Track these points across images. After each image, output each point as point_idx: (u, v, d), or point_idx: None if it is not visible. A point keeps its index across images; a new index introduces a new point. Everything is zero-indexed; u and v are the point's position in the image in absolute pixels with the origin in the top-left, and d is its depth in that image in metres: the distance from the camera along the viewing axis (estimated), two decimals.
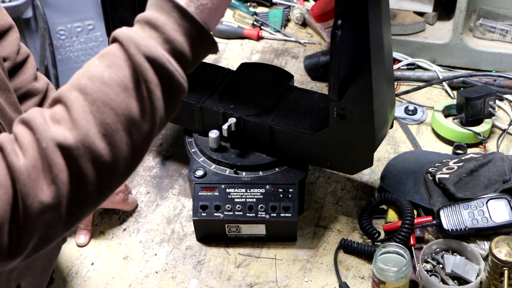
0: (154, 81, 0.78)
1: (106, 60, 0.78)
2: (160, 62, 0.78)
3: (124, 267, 1.32)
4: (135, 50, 0.77)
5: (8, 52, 1.15)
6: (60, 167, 0.73)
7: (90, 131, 0.74)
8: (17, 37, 1.18)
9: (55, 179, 0.73)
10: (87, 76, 0.77)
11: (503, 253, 1.16)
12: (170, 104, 0.82)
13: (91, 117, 0.75)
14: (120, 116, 0.76)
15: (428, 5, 1.78)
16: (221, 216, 1.29)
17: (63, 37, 2.64)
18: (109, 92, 0.76)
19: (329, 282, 1.27)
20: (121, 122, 0.76)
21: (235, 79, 1.43)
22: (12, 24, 1.17)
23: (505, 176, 1.30)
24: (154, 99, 0.79)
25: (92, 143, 0.74)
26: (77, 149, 0.74)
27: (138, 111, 0.78)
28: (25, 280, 1.06)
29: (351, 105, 1.18)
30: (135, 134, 0.78)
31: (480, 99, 1.52)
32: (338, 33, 1.06)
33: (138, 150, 0.80)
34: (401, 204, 1.31)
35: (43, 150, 0.73)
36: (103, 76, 0.77)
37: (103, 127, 0.75)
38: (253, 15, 1.99)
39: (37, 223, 0.74)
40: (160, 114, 0.80)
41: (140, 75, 0.77)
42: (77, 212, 0.78)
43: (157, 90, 0.79)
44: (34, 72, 1.21)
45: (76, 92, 0.76)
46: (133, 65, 0.77)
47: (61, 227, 0.77)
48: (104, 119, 0.75)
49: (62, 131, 0.74)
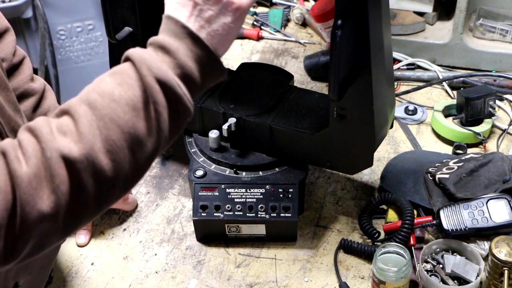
0: (163, 103, 0.80)
1: (117, 78, 0.80)
2: (171, 85, 0.80)
3: (124, 267, 1.32)
4: (147, 71, 0.79)
5: (4, 54, 1.16)
6: (62, 178, 0.74)
7: (95, 146, 0.75)
8: (13, 40, 1.19)
9: (56, 190, 0.74)
10: (98, 92, 0.78)
11: (503, 253, 1.16)
12: (175, 127, 0.84)
13: (98, 132, 0.76)
14: (126, 134, 0.77)
15: (428, 5, 1.78)
16: (221, 216, 1.29)
17: (63, 37, 2.64)
18: (118, 109, 0.77)
19: (329, 282, 1.27)
20: (126, 140, 0.78)
21: (235, 79, 1.43)
22: (8, 27, 1.19)
23: (505, 176, 1.30)
24: (161, 120, 0.80)
25: (96, 158, 0.75)
26: (81, 163, 0.75)
27: (144, 131, 0.79)
28: (23, 279, 1.06)
29: (351, 105, 1.18)
30: (138, 153, 0.80)
31: (480, 99, 1.52)
32: (338, 33, 1.06)
33: (139, 168, 0.82)
34: (401, 204, 1.31)
35: (47, 160, 0.74)
36: (113, 93, 0.78)
37: (108, 143, 0.76)
38: (253, 15, 1.99)
39: (34, 231, 0.75)
40: (165, 135, 0.82)
41: (149, 96, 0.79)
42: (74, 223, 0.79)
43: (165, 112, 0.80)
44: (31, 73, 1.22)
45: (85, 106, 0.77)
46: (144, 85, 0.79)
47: (57, 236, 0.78)
48: (110, 135, 0.76)
49: (67, 143, 0.75)
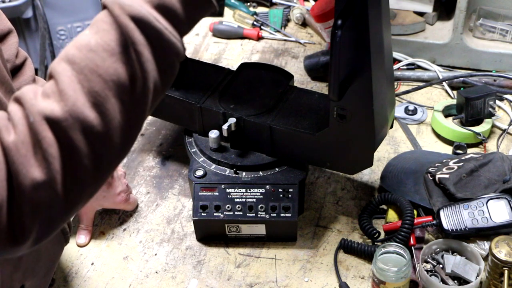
0: (142, 42, 0.74)
1: (94, 28, 0.75)
2: (146, 20, 0.74)
3: (124, 267, 1.32)
4: (119, 11, 0.74)
5: (7, 55, 1.16)
6: (49, 141, 0.71)
7: (78, 101, 0.71)
8: (16, 41, 1.19)
9: (45, 154, 0.71)
10: (75, 46, 0.75)
11: (503, 253, 1.16)
12: (164, 67, 0.77)
13: (79, 86, 0.72)
14: (109, 83, 0.73)
15: (428, 5, 1.78)
16: (221, 216, 1.29)
17: (63, 37, 2.64)
18: (96, 58, 0.73)
19: (329, 282, 1.27)
20: (110, 89, 0.73)
21: (235, 79, 1.43)
22: (11, 28, 1.19)
23: (505, 176, 1.30)
24: (144, 61, 0.75)
25: (81, 113, 0.71)
26: (65, 121, 0.71)
27: (127, 76, 0.74)
28: (29, 281, 1.06)
29: (351, 105, 1.18)
30: (127, 100, 0.75)
31: (480, 99, 1.52)
32: (338, 33, 1.06)
33: (133, 117, 0.77)
34: (401, 204, 1.31)
35: (31, 125, 0.71)
36: (90, 43, 0.74)
37: (91, 95, 0.72)
38: (253, 15, 1.99)
39: (34, 202, 0.72)
40: (153, 77, 0.76)
41: (126, 37, 0.74)
42: (76, 189, 0.74)
43: (146, 51, 0.75)
44: (33, 74, 1.22)
45: (64, 63, 0.74)
46: (119, 27, 0.74)
47: (62, 206, 0.74)
48: (92, 87, 0.72)
49: (50, 104, 0.71)
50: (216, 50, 1.90)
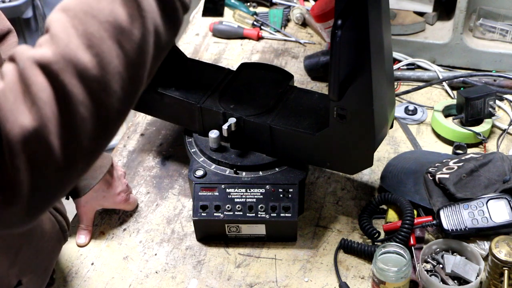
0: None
1: None
2: None
3: (124, 267, 1.32)
4: None
5: (7, 55, 1.16)
6: (39, 85, 0.66)
7: (71, 43, 0.67)
8: (15, 41, 1.19)
9: (35, 99, 0.66)
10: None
11: (503, 253, 1.16)
12: (166, 9, 0.73)
13: (73, 30, 0.68)
14: (104, 24, 0.68)
15: (428, 5, 1.78)
16: (221, 216, 1.29)
17: None
18: (90, 0, 0.69)
19: (329, 282, 1.27)
20: (106, 30, 0.68)
21: (235, 79, 1.43)
22: (11, 28, 1.18)
23: (505, 176, 1.30)
24: (142, 0, 0.70)
25: (75, 55, 0.67)
26: (56, 63, 0.66)
27: (125, 16, 0.69)
28: (26, 277, 1.06)
29: (351, 105, 1.18)
30: (125, 42, 0.70)
31: (480, 99, 1.52)
32: (338, 33, 1.06)
33: (132, 62, 0.71)
34: (401, 204, 1.31)
35: (21, 71, 0.67)
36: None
37: (86, 37, 0.67)
38: (253, 15, 1.99)
39: (26, 154, 0.66)
40: (152, 18, 0.72)
41: None
42: (72, 144, 0.69)
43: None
44: None
45: (58, 13, 0.70)
46: None
47: (57, 163, 0.68)
48: (86, 28, 0.68)
49: (41, 50, 0.67)
50: (216, 50, 1.90)
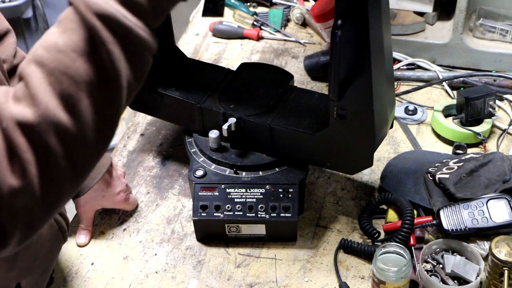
0: (110, 40, 0.72)
1: (61, 26, 0.74)
2: (113, 18, 0.72)
3: (124, 267, 1.32)
4: (85, 9, 0.72)
5: (5, 56, 1.16)
6: (23, 146, 0.69)
7: (50, 104, 0.70)
8: (14, 41, 1.19)
9: (20, 160, 0.70)
10: (43, 46, 0.73)
11: (503, 253, 1.16)
12: (136, 63, 0.75)
13: (50, 89, 0.70)
14: (80, 84, 0.71)
15: (428, 5, 1.78)
16: (221, 216, 1.29)
17: None
18: (65, 59, 0.71)
19: (329, 282, 1.27)
20: (82, 90, 0.71)
21: (235, 79, 1.43)
22: (9, 28, 1.18)
23: (505, 176, 1.30)
24: (114, 59, 0.73)
25: (54, 117, 0.70)
26: (38, 125, 0.70)
27: (98, 75, 0.72)
28: (24, 280, 1.06)
29: (351, 105, 1.18)
30: (100, 99, 0.73)
31: (480, 99, 1.52)
32: (338, 33, 1.06)
33: (107, 115, 0.75)
34: (401, 204, 1.31)
35: (4, 131, 0.69)
36: (58, 43, 0.72)
37: (63, 97, 0.71)
38: (253, 15, 1.99)
39: (12, 208, 0.71)
40: (126, 75, 0.74)
41: (94, 36, 0.72)
42: (54, 191, 0.74)
43: (116, 49, 0.73)
44: None
45: (33, 65, 0.72)
46: (86, 26, 0.72)
47: (41, 210, 0.74)
48: (64, 89, 0.71)
49: (21, 109, 0.70)
50: (216, 50, 1.90)
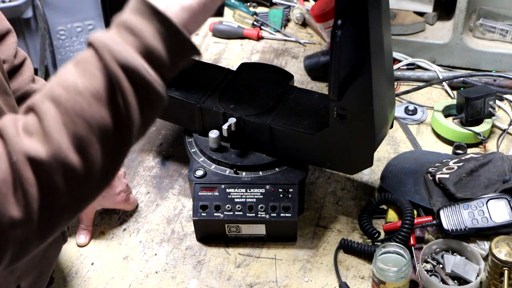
0: (130, 91, 0.74)
1: (80, 68, 0.75)
2: (137, 71, 0.74)
3: (124, 267, 1.32)
4: (109, 57, 0.73)
5: (6, 56, 1.16)
6: (30, 181, 0.70)
7: (62, 144, 0.71)
8: (15, 41, 1.19)
9: (25, 194, 0.71)
10: (62, 85, 0.74)
11: (503, 253, 1.16)
12: (148, 115, 0.78)
13: (64, 129, 0.72)
14: (94, 128, 0.73)
15: (428, 5, 1.78)
16: (221, 216, 1.29)
17: (63, 37, 2.64)
18: (83, 102, 0.73)
19: (329, 282, 1.27)
20: (95, 134, 0.73)
21: (235, 79, 1.43)
22: (10, 28, 1.18)
23: (505, 176, 1.30)
24: (131, 109, 0.75)
25: (65, 157, 0.71)
26: (49, 164, 0.71)
27: (113, 123, 0.74)
28: (24, 281, 1.06)
29: (351, 105, 1.18)
30: (110, 145, 0.75)
31: (480, 99, 1.52)
32: (338, 33, 1.06)
33: (114, 161, 0.77)
34: (401, 204, 1.31)
35: (13, 164, 0.70)
36: (77, 85, 0.73)
37: (76, 139, 0.72)
38: (253, 15, 1.99)
39: (10, 238, 0.72)
40: (137, 124, 0.77)
41: (115, 84, 0.73)
42: (51, 225, 0.75)
43: (134, 100, 0.75)
44: (32, 74, 1.22)
45: (49, 102, 0.73)
46: (108, 74, 0.73)
47: (36, 240, 0.75)
48: (77, 130, 0.72)
49: (33, 144, 0.71)
50: (216, 50, 1.90)
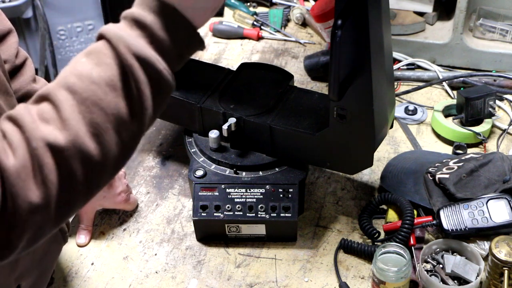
0: (144, 81, 0.78)
1: (94, 58, 0.78)
2: (150, 61, 0.78)
3: (124, 267, 1.32)
4: (125, 49, 0.77)
5: (7, 55, 1.16)
6: (50, 167, 0.72)
7: (80, 131, 0.74)
8: (16, 41, 1.19)
9: (45, 180, 0.72)
10: (75, 74, 0.76)
11: (503, 253, 1.16)
12: (159, 102, 0.82)
13: (81, 117, 0.74)
14: (109, 116, 0.76)
15: (428, 5, 1.78)
16: (221, 216, 1.29)
17: (63, 37, 2.64)
18: (98, 91, 0.75)
19: (329, 282, 1.27)
20: (110, 122, 0.76)
21: (235, 79, 1.43)
22: (11, 28, 1.19)
23: (505, 176, 1.30)
24: (144, 98, 0.78)
25: (83, 143, 0.74)
26: (67, 150, 0.73)
27: (127, 111, 0.77)
28: (25, 281, 1.06)
29: (351, 105, 1.18)
30: (124, 133, 0.78)
31: (480, 99, 1.52)
32: (338, 33, 1.06)
33: (127, 148, 0.80)
34: (401, 204, 1.31)
35: (33, 150, 0.72)
36: (92, 74, 0.76)
37: (93, 127, 0.75)
38: (253, 15, 1.99)
39: (28, 223, 0.73)
40: (149, 113, 0.80)
41: (130, 74, 0.77)
42: (66, 211, 0.77)
43: (147, 89, 0.78)
44: (33, 74, 1.22)
45: (64, 91, 0.75)
46: (122, 64, 0.77)
47: (51, 226, 0.77)
48: (93, 118, 0.75)
49: (52, 131, 0.73)
50: (216, 50, 1.90)
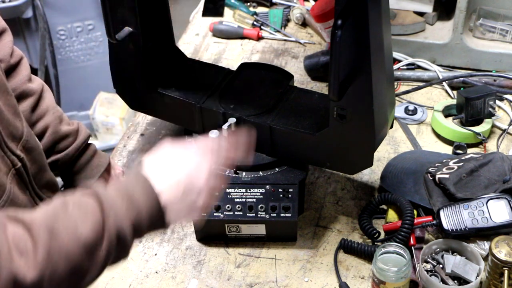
0: (113, 253, 0.85)
1: (82, 213, 0.83)
2: (126, 240, 0.86)
3: (124, 267, 1.32)
4: (113, 222, 0.84)
5: (2, 55, 1.16)
6: None
7: (45, 276, 0.78)
8: (10, 40, 1.19)
9: None
10: (62, 223, 0.81)
11: (503, 253, 1.16)
12: (112, 265, 0.89)
13: (50, 263, 0.79)
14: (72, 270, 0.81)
15: (428, 5, 1.78)
16: (221, 216, 1.29)
17: (63, 37, 2.64)
18: (75, 249, 0.81)
19: (329, 282, 1.27)
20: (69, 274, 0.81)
21: (235, 79, 1.43)
22: (5, 27, 1.18)
23: (505, 176, 1.30)
24: (105, 264, 0.86)
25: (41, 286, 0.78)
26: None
27: (88, 269, 0.84)
28: None
29: (351, 105, 1.18)
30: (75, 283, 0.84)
31: (480, 99, 1.52)
32: (338, 33, 1.06)
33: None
34: (401, 204, 1.31)
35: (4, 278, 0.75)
36: (77, 229, 0.82)
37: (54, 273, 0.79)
38: (253, 15, 1.99)
39: None
40: (102, 271, 0.87)
41: (107, 244, 0.84)
42: None
43: (111, 258, 0.86)
44: (28, 73, 1.22)
45: (46, 233, 0.79)
46: (105, 233, 0.84)
47: None
48: (58, 268, 0.79)
49: (23, 267, 0.76)
50: (216, 50, 1.90)
